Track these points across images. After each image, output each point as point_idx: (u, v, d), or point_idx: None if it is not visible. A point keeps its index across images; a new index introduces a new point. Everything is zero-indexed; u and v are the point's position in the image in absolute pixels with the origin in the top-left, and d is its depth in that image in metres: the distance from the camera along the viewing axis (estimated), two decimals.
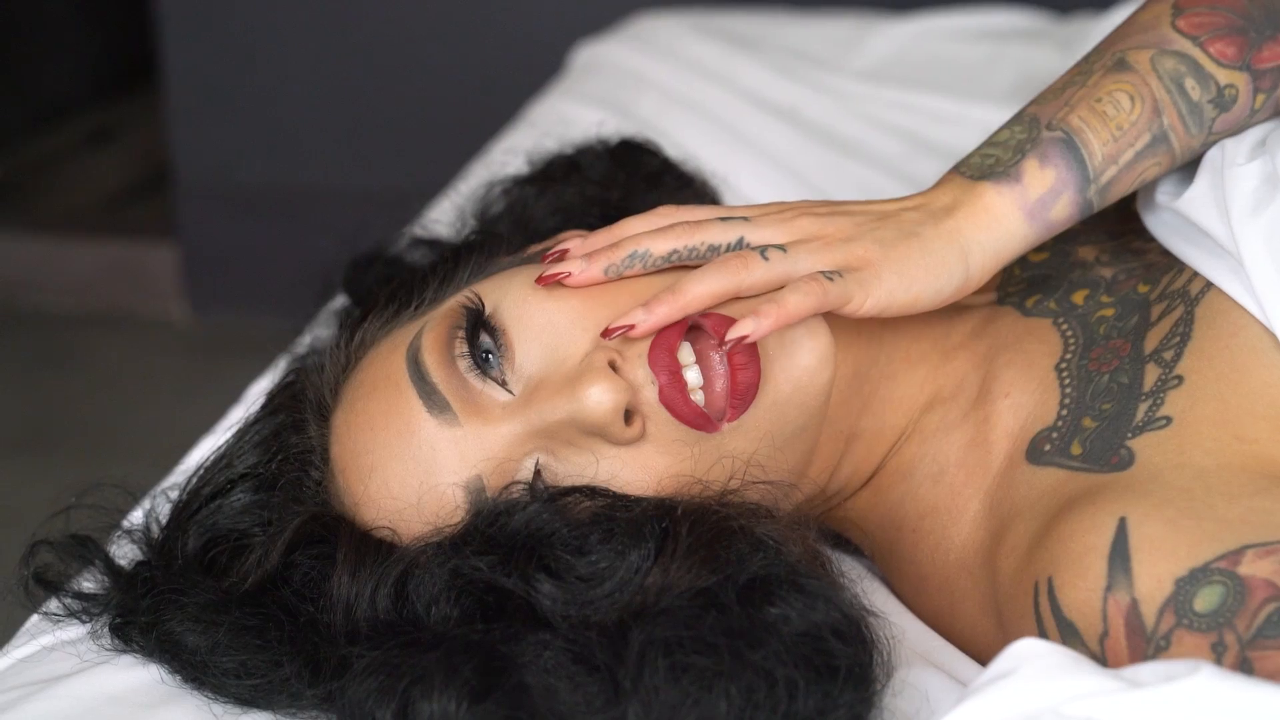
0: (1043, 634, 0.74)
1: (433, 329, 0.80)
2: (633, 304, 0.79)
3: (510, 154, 1.19)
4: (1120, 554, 0.72)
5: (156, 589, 0.79)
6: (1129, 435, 0.78)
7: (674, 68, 1.66)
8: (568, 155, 1.10)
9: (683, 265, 0.81)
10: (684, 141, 1.48)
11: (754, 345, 0.78)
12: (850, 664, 0.71)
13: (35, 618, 0.85)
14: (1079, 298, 0.88)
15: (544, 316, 0.80)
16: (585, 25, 2.03)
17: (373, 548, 0.77)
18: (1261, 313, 0.78)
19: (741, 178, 1.43)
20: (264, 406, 0.88)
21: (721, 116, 1.56)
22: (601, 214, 1.02)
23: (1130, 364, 0.82)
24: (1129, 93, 0.84)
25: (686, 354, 0.79)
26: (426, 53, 2.43)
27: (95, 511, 0.86)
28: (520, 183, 1.08)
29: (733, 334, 0.76)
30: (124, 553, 0.85)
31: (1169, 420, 0.78)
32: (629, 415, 0.77)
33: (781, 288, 0.78)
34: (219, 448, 0.86)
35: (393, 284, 0.94)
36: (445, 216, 1.16)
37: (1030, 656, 0.63)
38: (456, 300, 0.82)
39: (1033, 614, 0.75)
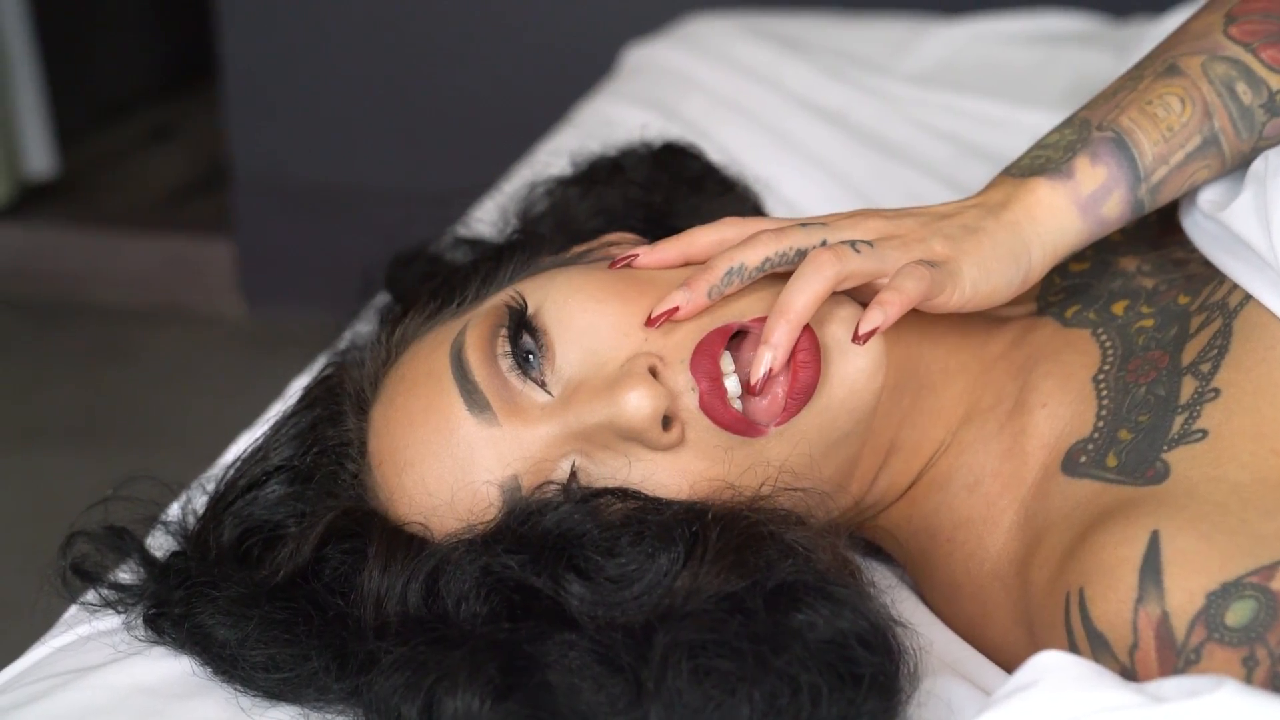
0: (1073, 645, 0.74)
1: (476, 327, 0.81)
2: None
3: (556, 155, 1.20)
4: (1152, 567, 0.71)
5: (189, 581, 0.80)
6: (1164, 448, 0.78)
7: (722, 70, 1.66)
8: (611, 157, 1.10)
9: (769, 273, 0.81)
10: (729, 143, 1.48)
11: (817, 345, 0.78)
12: (875, 672, 0.70)
13: (74, 608, 0.86)
14: (1119, 308, 0.87)
15: (585, 319, 0.80)
16: (637, 26, 2.03)
17: (404, 543, 0.78)
18: None
19: (786, 180, 1.42)
20: (301, 400, 0.88)
21: (768, 119, 1.56)
22: (645, 217, 1.02)
23: (1168, 376, 0.81)
24: (1179, 96, 0.84)
25: (726, 363, 0.79)
26: (480, 54, 2.45)
27: (136, 504, 0.86)
28: (564, 184, 1.08)
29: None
30: (162, 544, 0.86)
31: (1205, 433, 0.77)
32: (668, 421, 0.77)
33: (864, 288, 0.80)
34: (256, 440, 0.86)
35: (434, 281, 0.94)
36: (490, 216, 1.16)
37: (1053, 668, 0.63)
38: (500, 299, 0.82)
39: (1064, 625, 0.74)
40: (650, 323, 0.78)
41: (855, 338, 0.77)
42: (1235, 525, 0.72)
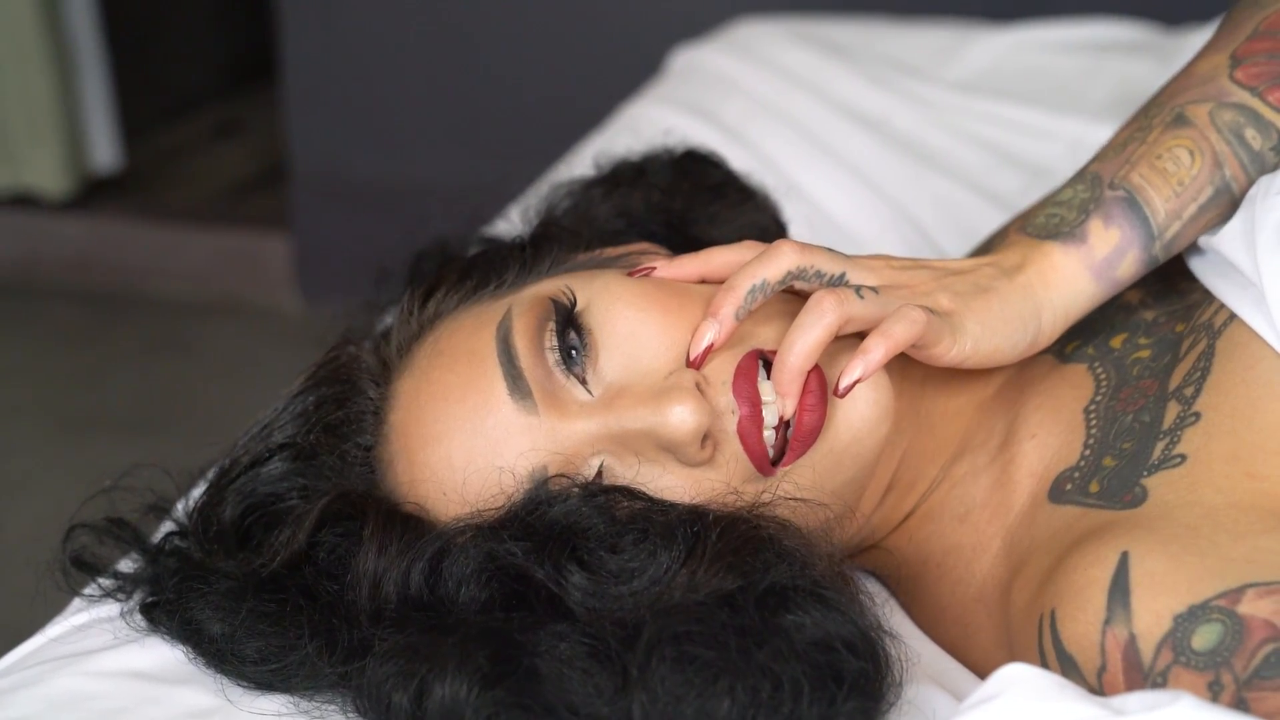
0: (1045, 667, 0.74)
1: (524, 314, 0.81)
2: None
3: (597, 156, 1.20)
4: (1120, 588, 0.71)
5: (182, 571, 0.81)
6: (1144, 474, 0.78)
7: (765, 74, 1.66)
8: (634, 161, 1.10)
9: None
10: (766, 148, 1.49)
11: (824, 388, 0.79)
12: (858, 676, 0.71)
13: (80, 596, 0.87)
14: (1117, 342, 0.87)
15: (627, 326, 0.81)
16: (690, 29, 2.04)
17: (398, 524, 0.78)
18: None
19: (818, 186, 1.43)
20: (307, 379, 0.88)
21: (805, 124, 1.56)
22: (665, 222, 1.03)
23: (1154, 403, 0.81)
24: (1188, 148, 0.84)
25: (768, 391, 0.79)
26: (534, 55, 2.47)
27: (146, 494, 0.88)
28: (587, 185, 1.08)
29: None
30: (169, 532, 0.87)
31: (1184, 458, 0.77)
32: (704, 439, 0.78)
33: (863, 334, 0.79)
34: (261, 418, 0.87)
35: (467, 261, 0.94)
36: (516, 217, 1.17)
37: (1017, 681, 0.63)
38: (547, 289, 0.83)
39: (1038, 648, 0.74)
40: (691, 364, 0.79)
41: (836, 391, 0.77)
42: (1205, 548, 0.72)
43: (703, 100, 1.63)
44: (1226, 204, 0.84)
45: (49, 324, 2.83)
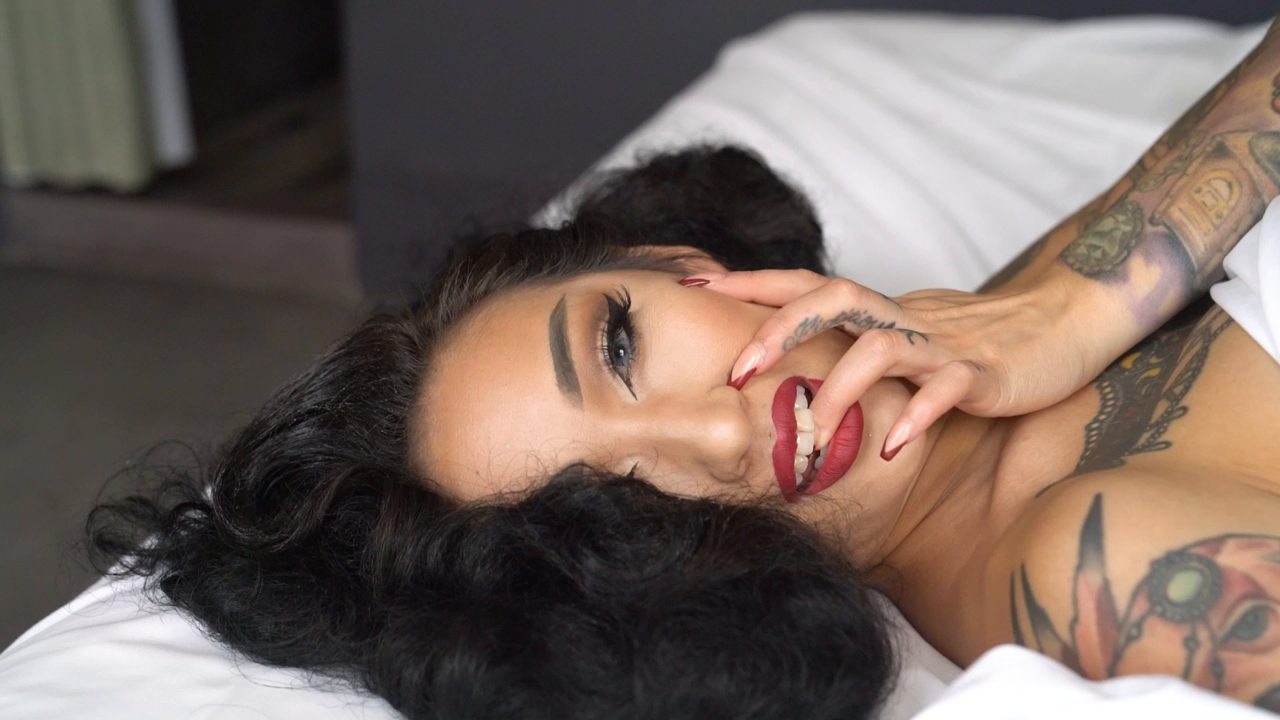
0: (1017, 630, 0.72)
1: (578, 307, 0.82)
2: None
3: (637, 148, 1.21)
4: (1093, 530, 0.69)
5: (198, 547, 0.82)
6: (1126, 454, 0.77)
7: (816, 72, 1.67)
8: (675, 156, 1.11)
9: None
10: (812, 146, 1.49)
11: (862, 425, 0.80)
12: (855, 659, 0.72)
13: (116, 562, 0.88)
14: (1129, 362, 0.87)
15: (677, 335, 0.82)
16: (747, 25, 2.05)
17: (415, 500, 0.79)
18: (1274, 347, 0.76)
19: (863, 184, 1.43)
20: (341, 346, 0.88)
21: (853, 122, 1.56)
22: (705, 220, 1.03)
23: (1148, 407, 0.81)
24: (1227, 180, 0.84)
25: (807, 420, 0.81)
26: (593, 53, 2.49)
27: (172, 472, 0.89)
28: (630, 176, 1.09)
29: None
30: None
31: (1169, 444, 0.76)
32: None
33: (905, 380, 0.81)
34: (291, 383, 0.87)
35: (516, 240, 0.94)
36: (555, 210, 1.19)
37: (1006, 663, 0.63)
38: (602, 284, 0.84)
39: (1009, 609, 0.73)
40: (732, 384, 0.80)
41: (884, 454, 0.79)
42: (1185, 495, 0.70)
43: (752, 97, 1.63)
44: None
45: (119, 310, 2.89)
